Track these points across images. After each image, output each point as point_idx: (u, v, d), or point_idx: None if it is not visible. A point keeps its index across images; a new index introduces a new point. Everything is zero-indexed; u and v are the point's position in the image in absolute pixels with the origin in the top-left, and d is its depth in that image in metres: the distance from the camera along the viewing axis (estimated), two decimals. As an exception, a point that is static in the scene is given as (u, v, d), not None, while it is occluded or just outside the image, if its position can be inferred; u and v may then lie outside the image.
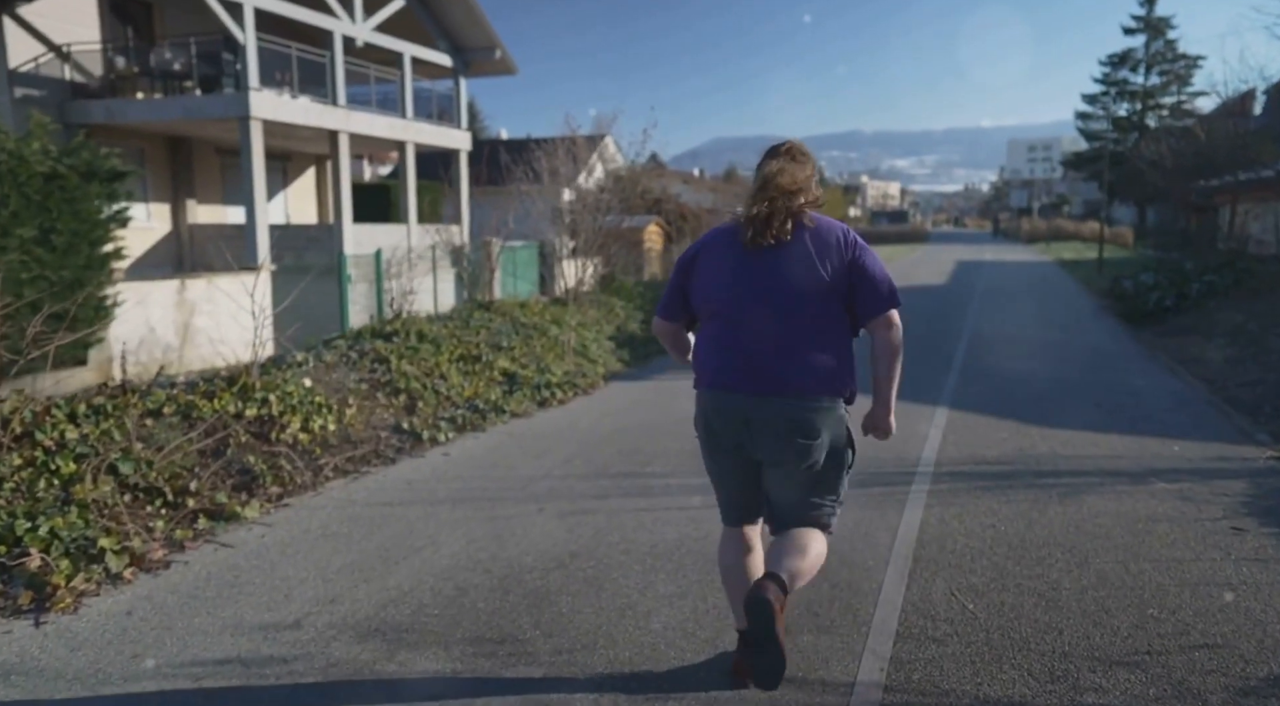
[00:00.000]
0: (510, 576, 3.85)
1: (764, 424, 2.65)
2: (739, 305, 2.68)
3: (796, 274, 2.65)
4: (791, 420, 2.63)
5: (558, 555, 4.10)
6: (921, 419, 6.93)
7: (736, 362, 2.68)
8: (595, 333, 9.95)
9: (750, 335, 2.68)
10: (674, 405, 7.55)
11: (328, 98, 17.48)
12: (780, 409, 2.63)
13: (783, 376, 2.63)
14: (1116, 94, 53.00)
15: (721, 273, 2.72)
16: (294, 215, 21.46)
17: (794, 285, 2.65)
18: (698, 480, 5.32)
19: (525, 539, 4.32)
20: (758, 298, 2.66)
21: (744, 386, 2.66)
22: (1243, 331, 10.40)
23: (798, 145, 2.84)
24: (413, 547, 4.18)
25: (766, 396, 2.64)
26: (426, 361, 7.17)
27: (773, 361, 2.65)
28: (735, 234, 2.74)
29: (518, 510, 4.75)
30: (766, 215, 2.66)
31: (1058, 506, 4.83)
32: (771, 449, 2.67)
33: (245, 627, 3.31)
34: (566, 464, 5.70)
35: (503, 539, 4.32)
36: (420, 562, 4.00)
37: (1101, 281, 20.71)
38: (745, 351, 2.68)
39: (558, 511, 4.74)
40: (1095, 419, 7.02)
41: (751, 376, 2.66)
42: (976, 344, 11.34)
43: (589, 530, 4.45)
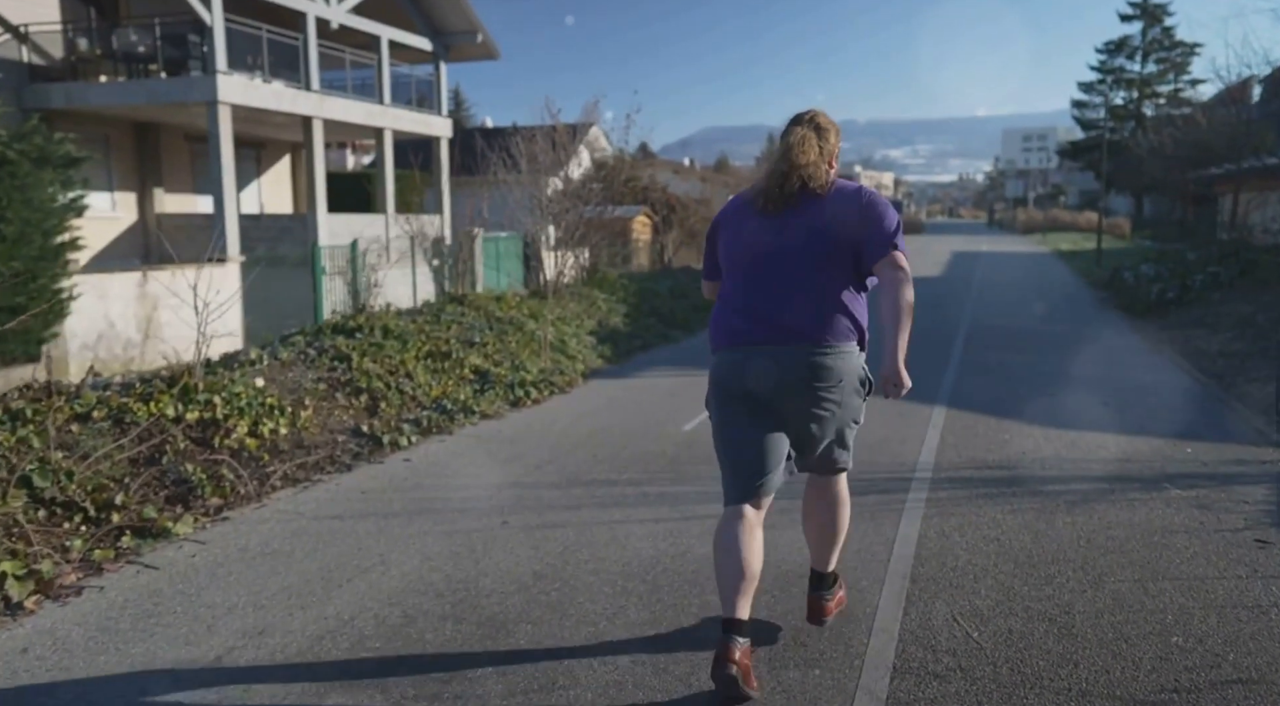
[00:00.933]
0: (465, 601, 3.51)
1: (783, 372, 2.75)
2: (754, 265, 2.81)
3: (810, 234, 2.76)
4: (805, 367, 2.74)
5: (520, 576, 3.77)
6: (918, 419, 6.61)
7: (748, 321, 2.80)
8: (575, 327, 9.60)
9: (763, 293, 2.79)
10: (655, 405, 7.22)
11: (301, 83, 17.03)
12: (793, 357, 2.74)
13: (794, 328, 2.75)
14: (1113, 82, 52.85)
15: (740, 233, 2.87)
16: (268, 204, 21.00)
17: (807, 245, 2.76)
18: (676, 488, 5.00)
19: (486, 557, 3.98)
20: (771, 259, 2.79)
21: (762, 339, 2.77)
22: (1250, 324, 10.13)
23: (821, 114, 2.91)
24: (360, 568, 3.83)
25: (779, 347, 2.75)
26: (391, 359, 6.81)
27: (784, 315, 2.76)
28: (757, 197, 2.87)
29: (480, 523, 4.41)
30: (782, 181, 2.78)
31: (1066, 516, 4.52)
32: (792, 395, 2.78)
33: (156, 667, 2.96)
34: (537, 470, 5.36)
35: (460, 557, 3.97)
36: (366, 585, 3.65)
37: (1100, 273, 20.48)
38: (760, 309, 2.79)
39: (524, 525, 4.40)
40: (1102, 418, 6.72)
41: (768, 330, 2.77)
42: (975, 337, 11.04)
43: (556, 546, 4.11)
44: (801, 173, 2.78)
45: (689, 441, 6.02)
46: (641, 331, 10.49)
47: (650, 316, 11.29)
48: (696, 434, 6.23)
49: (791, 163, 2.78)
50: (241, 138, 19.33)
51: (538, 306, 9.54)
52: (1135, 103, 51.93)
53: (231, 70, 15.38)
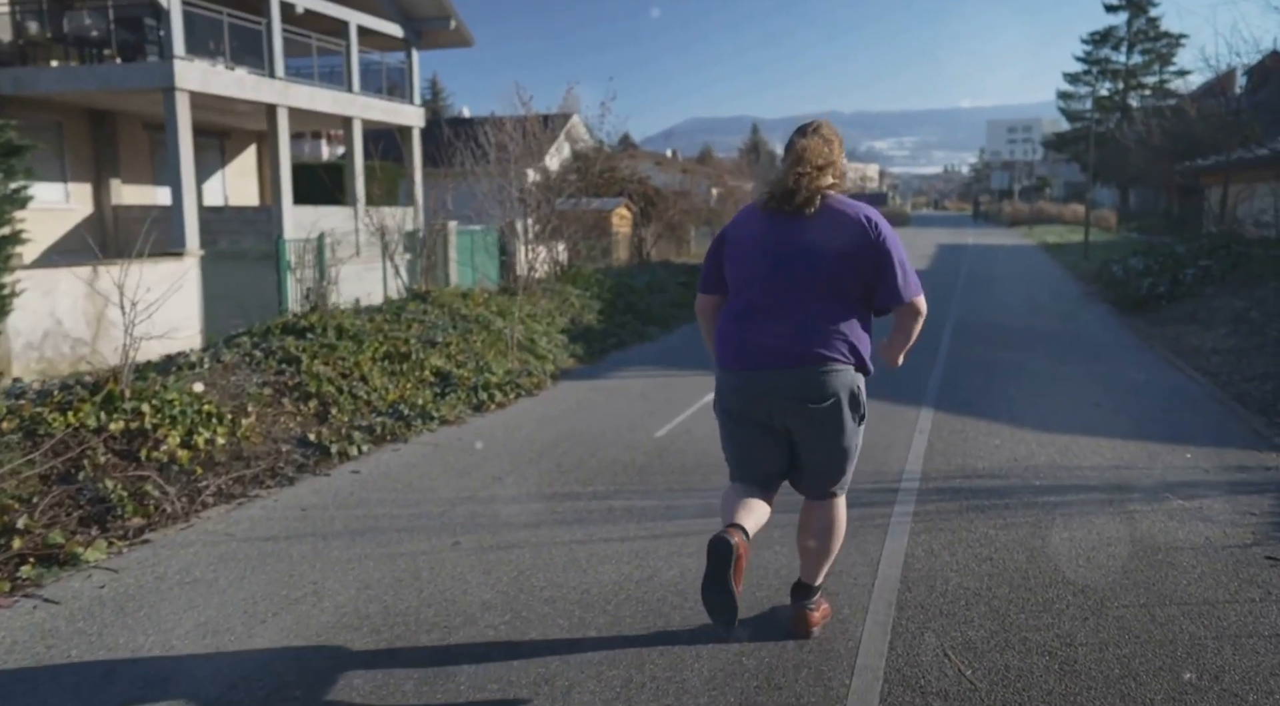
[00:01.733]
0: (403, 637, 3.19)
1: (783, 393, 2.84)
2: (761, 274, 2.87)
3: (818, 246, 2.82)
4: (805, 387, 2.82)
5: (467, 607, 3.44)
6: (904, 422, 6.33)
7: (753, 339, 2.86)
8: (546, 325, 9.25)
9: (768, 308, 2.86)
10: (627, 408, 6.90)
11: (265, 69, 16.53)
12: (794, 379, 2.82)
13: (797, 348, 2.81)
14: (1099, 73, 52.95)
15: (748, 242, 2.92)
16: (233, 196, 20.48)
17: (814, 257, 2.82)
18: (644, 503, 4.68)
19: (431, 584, 3.65)
20: (779, 265, 2.84)
21: (762, 363, 2.84)
22: (1244, 320, 9.94)
23: (826, 125, 3.00)
24: (289, 599, 3.49)
25: (782, 370, 2.82)
26: (345, 361, 6.45)
27: (788, 334, 2.83)
28: (763, 210, 2.93)
29: (428, 544, 4.08)
30: (793, 187, 2.84)
31: (1063, 531, 4.25)
32: (790, 417, 2.87)
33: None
34: (495, 482, 5.03)
35: (403, 584, 3.64)
36: (294, 620, 3.32)
37: (1088, 266, 20.34)
38: (762, 326, 2.86)
39: (476, 545, 4.07)
40: (1096, 420, 6.47)
41: (768, 352, 2.84)
42: (962, 334, 10.80)
43: (510, 570, 3.79)
44: (811, 185, 2.85)
45: (660, 449, 5.71)
46: (616, 329, 10.16)
47: (626, 313, 10.96)
48: (669, 441, 5.92)
49: (801, 168, 2.85)
50: (204, 126, 18.80)
51: (507, 303, 9.19)
52: (1121, 94, 52.05)
53: (191, 56, 14.88)
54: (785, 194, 2.85)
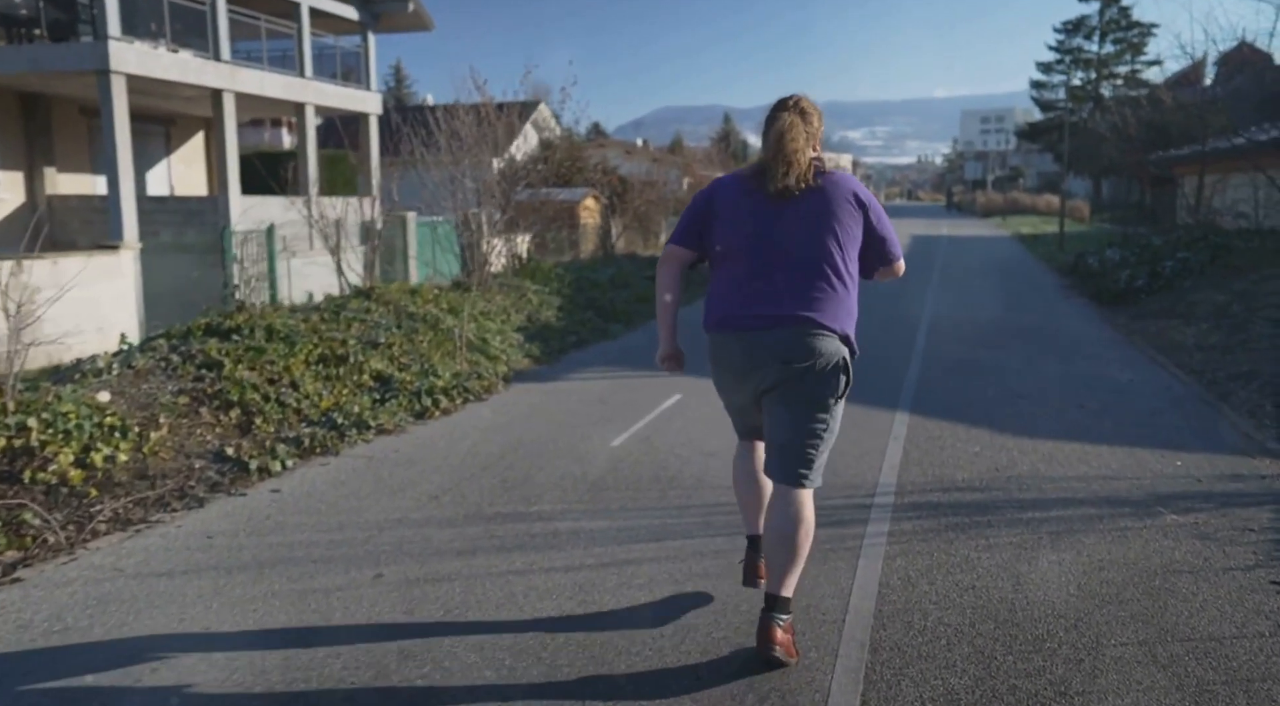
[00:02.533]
0: (300, 699, 2.77)
1: (765, 353, 2.89)
2: (757, 250, 2.91)
3: (814, 225, 2.90)
4: (789, 345, 2.87)
5: (382, 656, 3.03)
6: (879, 429, 6.00)
7: (748, 302, 2.91)
8: (501, 323, 8.82)
9: (765, 276, 2.90)
10: (583, 413, 6.50)
11: (210, 52, 15.87)
12: (780, 337, 2.87)
13: (787, 310, 2.87)
14: (1071, 62, 53.25)
15: (742, 217, 2.95)
16: (179, 185, 19.76)
17: (811, 235, 2.89)
18: (594, 524, 4.29)
19: (344, 627, 3.23)
20: (776, 243, 2.90)
21: (752, 324, 2.90)
22: (1226, 314, 9.74)
23: (805, 99, 3.04)
24: (172, 651, 3.06)
25: (770, 329, 2.87)
26: (274, 365, 5.98)
27: (780, 301, 2.88)
28: (751, 182, 2.97)
29: (346, 578, 3.66)
30: (787, 167, 2.88)
31: (1050, 553, 3.92)
32: (773, 375, 2.90)
33: None
34: (431, 501, 4.61)
35: (311, 628, 3.22)
36: (176, 677, 2.89)
37: (1064, 257, 20.23)
38: (758, 292, 2.90)
39: (401, 578, 3.66)
40: (1080, 424, 6.18)
41: (758, 316, 2.89)
42: (938, 330, 10.51)
43: (436, 608, 3.39)
44: (796, 159, 2.90)
45: (615, 461, 5.32)
46: (576, 326, 9.74)
47: (587, 309, 10.55)
48: (625, 451, 5.53)
49: (786, 149, 2.89)
50: (147, 112, 18.08)
51: (459, 300, 8.74)
52: (1093, 83, 52.38)
53: (129, 37, 14.21)
54: (783, 178, 2.89)
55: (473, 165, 10.71)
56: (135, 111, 16.50)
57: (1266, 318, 9.20)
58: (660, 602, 3.42)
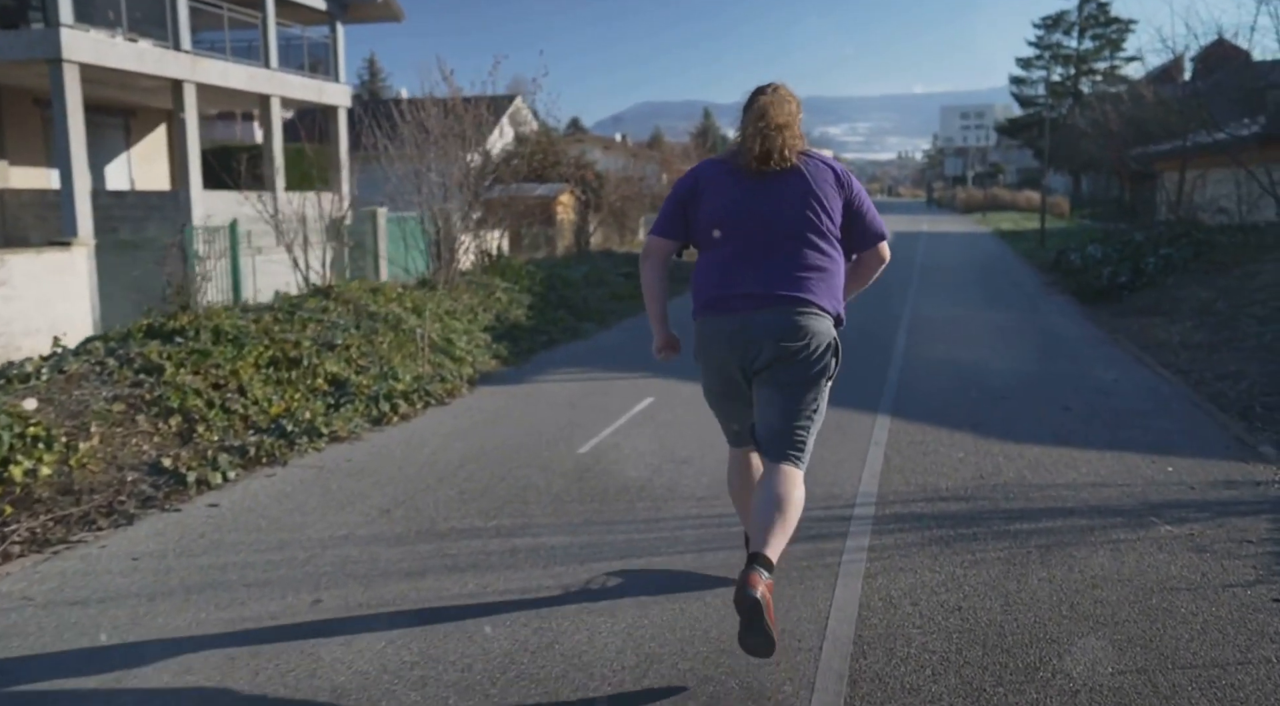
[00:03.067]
0: (217, 747, 2.50)
1: (758, 333, 2.88)
2: (743, 229, 2.92)
3: (797, 201, 2.91)
4: (782, 326, 2.87)
5: (314, 695, 2.76)
6: (859, 434, 5.78)
7: (736, 284, 2.91)
8: (468, 323, 8.53)
9: (751, 258, 2.91)
10: (550, 418, 6.23)
11: (170, 41, 15.42)
12: (772, 318, 2.87)
13: (777, 291, 2.87)
14: (1050, 58, 53.56)
15: (725, 199, 2.95)
16: (140, 180, 19.28)
17: (794, 211, 2.91)
18: (557, 540, 4.03)
19: (271, 665, 2.96)
20: (761, 222, 2.91)
21: (741, 308, 2.89)
22: (1211, 312, 9.63)
23: (783, 87, 3.07)
24: (76, 696, 2.77)
25: (763, 311, 2.87)
26: (220, 368, 5.67)
27: (769, 281, 2.88)
28: (732, 163, 2.98)
29: (281, 605, 3.38)
30: (766, 145, 2.89)
31: (1040, 569, 3.71)
32: (765, 355, 2.90)
33: None
34: (382, 516, 4.33)
35: (236, 664, 2.95)
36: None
37: (1045, 254, 20.19)
38: (745, 273, 2.90)
39: (341, 604, 3.39)
40: (1066, 427, 5.99)
41: (750, 298, 2.89)
42: (919, 328, 10.34)
43: (376, 640, 3.12)
44: (781, 134, 2.90)
45: (582, 470, 5.06)
46: (547, 326, 9.46)
47: (559, 308, 10.27)
48: (593, 459, 5.28)
49: (769, 125, 2.91)
50: (106, 103, 17.60)
51: (424, 299, 8.45)
52: (1072, 79, 52.69)
53: (84, 24, 13.78)
54: (763, 156, 2.90)
55: (439, 159, 10.39)
56: (93, 103, 16.03)
57: (1252, 315, 9.09)
58: (623, 630, 3.18)
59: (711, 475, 4.95)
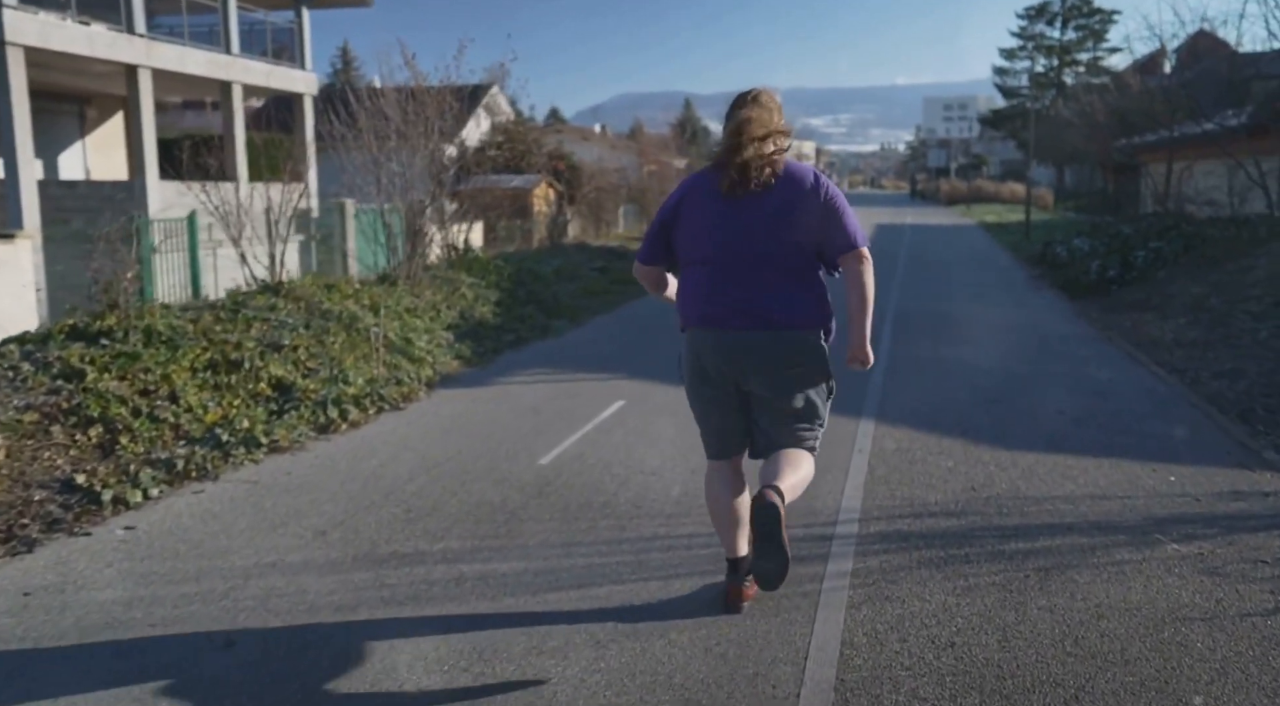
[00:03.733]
0: None
1: (752, 357, 2.96)
2: (722, 251, 2.98)
3: (775, 220, 2.96)
4: (777, 352, 2.96)
5: (207, 764, 2.40)
6: (841, 440, 5.46)
7: (722, 304, 2.98)
8: (429, 320, 8.13)
9: (734, 278, 2.97)
10: (511, 425, 5.87)
11: (123, 24, 14.86)
12: (766, 342, 2.96)
13: (767, 313, 2.95)
14: (1034, 48, 53.60)
15: (704, 221, 3.01)
16: (96, 169, 18.70)
17: (773, 230, 2.96)
18: (509, 566, 3.65)
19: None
20: (740, 243, 2.97)
21: (732, 323, 2.97)
22: (1204, 308, 9.40)
23: (765, 92, 3.08)
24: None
25: (754, 331, 2.96)
26: (150, 373, 5.27)
27: (757, 300, 2.95)
28: (714, 182, 3.00)
29: (187, 650, 3.01)
30: (743, 165, 2.94)
31: (1040, 597, 3.40)
32: (760, 380, 2.99)
33: None
34: (317, 539, 3.96)
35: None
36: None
37: (1030, 247, 20.01)
38: (730, 293, 2.97)
39: (258, 646, 3.02)
40: (1060, 432, 5.70)
41: (738, 314, 2.96)
42: (905, 326, 10.05)
43: (293, 687, 2.76)
44: (756, 152, 2.93)
45: (543, 483, 4.71)
46: (515, 323, 9.08)
47: (528, 304, 9.88)
48: (555, 471, 4.92)
49: (745, 142, 2.93)
50: (59, 90, 17.01)
51: (383, 296, 8.04)
52: (1056, 71, 52.74)
53: (31, 6, 13.21)
54: (740, 177, 2.93)
55: (400, 149, 9.98)
56: (44, 88, 15.46)
57: (1246, 311, 8.86)
58: (575, 677, 2.83)
59: (682, 486, 4.62)
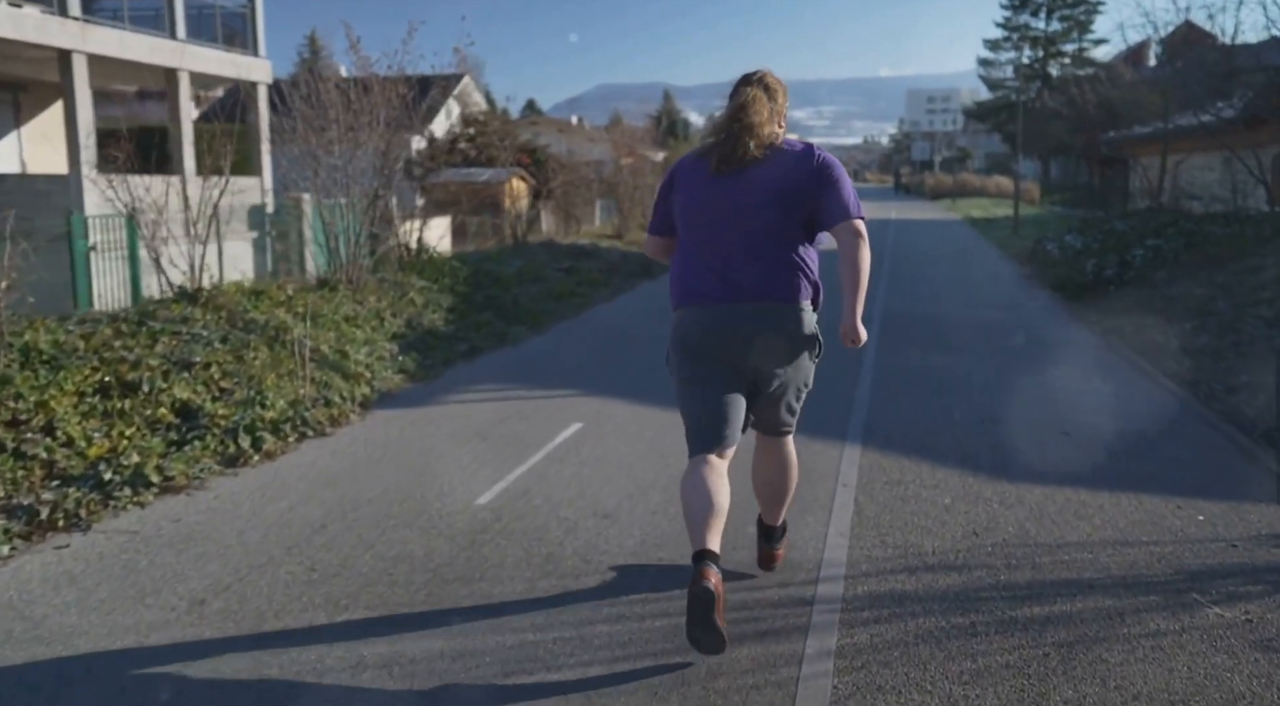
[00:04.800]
0: None
1: (743, 327, 3.04)
2: (711, 225, 3.08)
3: (762, 195, 3.02)
4: (767, 324, 3.04)
5: None
6: (823, 468, 4.89)
7: (712, 278, 3.06)
8: (370, 330, 7.48)
9: (723, 252, 3.06)
10: (451, 452, 5.24)
11: (54, 6, 14.06)
12: (756, 315, 3.03)
13: (756, 286, 3.02)
14: (1019, 39, 53.47)
15: (695, 197, 3.11)
16: (34, 162, 17.84)
17: (759, 205, 3.02)
18: (423, 645, 2.91)
19: None
20: (727, 218, 3.05)
21: (723, 298, 3.04)
22: (1210, 312, 8.91)
23: (770, 74, 3.21)
24: None
25: (743, 304, 3.03)
26: (23, 400, 4.61)
27: (745, 274, 3.03)
28: (708, 157, 3.09)
29: (-11, 779, 2.38)
30: (732, 144, 3.02)
31: (1065, 685, 2.84)
32: (749, 354, 3.06)
33: None
34: (191, 612, 3.33)
35: None
36: None
37: (1020, 242, 19.61)
38: (719, 268, 3.05)
39: (80, 776, 2.39)
40: (1069, 459, 5.15)
41: (728, 288, 3.04)
42: (892, 331, 9.50)
43: None
44: (753, 133, 3.01)
45: (478, 530, 4.09)
46: (469, 331, 8.43)
47: (485, 309, 9.24)
48: (494, 513, 4.31)
49: (744, 123, 3.02)
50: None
51: (320, 303, 7.39)
52: (1041, 62, 52.58)
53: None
54: (726, 157, 3.01)
55: (341, 141, 9.31)
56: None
57: (1258, 316, 8.37)
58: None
59: (642, 534, 4.03)
